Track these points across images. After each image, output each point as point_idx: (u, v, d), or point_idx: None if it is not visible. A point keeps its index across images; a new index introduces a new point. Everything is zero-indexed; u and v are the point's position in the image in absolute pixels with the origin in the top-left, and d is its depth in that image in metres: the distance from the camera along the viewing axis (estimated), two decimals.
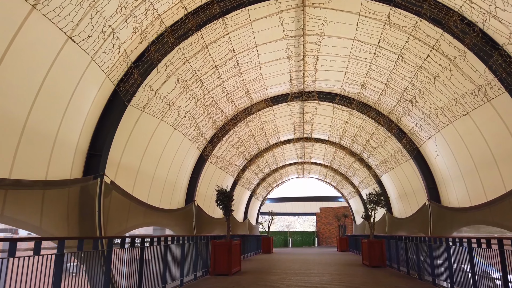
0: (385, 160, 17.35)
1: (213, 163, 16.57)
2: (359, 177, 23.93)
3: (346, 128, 17.44)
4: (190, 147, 13.47)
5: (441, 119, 10.84)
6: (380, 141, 16.32)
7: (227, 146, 16.63)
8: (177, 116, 10.96)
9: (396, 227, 19.51)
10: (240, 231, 25.35)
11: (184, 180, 14.51)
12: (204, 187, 16.84)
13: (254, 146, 19.01)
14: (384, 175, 19.16)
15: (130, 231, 10.38)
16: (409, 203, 17.19)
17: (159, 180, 11.84)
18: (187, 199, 15.29)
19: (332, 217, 42.37)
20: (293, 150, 24.03)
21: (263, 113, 16.36)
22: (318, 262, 17.87)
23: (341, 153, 22.36)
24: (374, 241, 16.14)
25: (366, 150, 18.30)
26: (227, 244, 13.53)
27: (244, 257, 20.87)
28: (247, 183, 24.44)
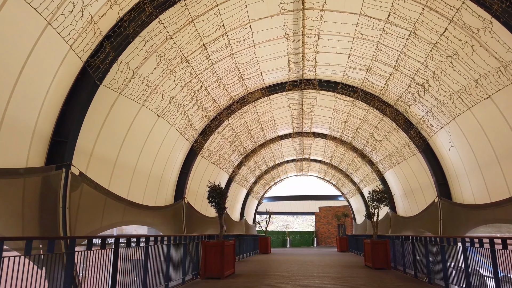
0: (389, 154, 16.09)
1: (205, 157, 15.29)
2: (360, 174, 22.68)
3: (348, 121, 16.17)
4: (178, 138, 12.19)
5: (457, 105, 9.58)
6: (385, 134, 15.06)
7: (221, 139, 15.35)
8: (161, 101, 9.68)
9: (401, 226, 18.25)
10: (236, 230, 24.07)
11: (172, 175, 13.22)
12: (195, 184, 15.56)
13: (249, 140, 17.73)
14: (388, 171, 17.90)
15: (106, 230, 9.10)
16: (415, 200, 15.94)
17: (142, 173, 10.56)
18: (176, 196, 14.01)
19: (331, 216, 41.14)
20: (291, 146, 22.75)
21: (259, 104, 15.09)
22: (317, 264, 16.66)
23: (341, 148, 21.09)
24: (377, 241, 14.95)
25: (369, 145, 17.03)
26: (219, 244, 12.34)
27: (240, 258, 19.68)
28: (243, 181, 23.16)
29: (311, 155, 25.00)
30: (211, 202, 12.92)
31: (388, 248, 15.00)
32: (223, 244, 12.35)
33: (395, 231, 18.89)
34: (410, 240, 12.96)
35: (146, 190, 10.91)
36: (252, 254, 24.16)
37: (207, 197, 12.69)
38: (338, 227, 40.55)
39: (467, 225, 11.46)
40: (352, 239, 26.95)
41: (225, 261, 12.36)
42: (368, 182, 22.25)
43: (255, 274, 13.01)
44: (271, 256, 22.42)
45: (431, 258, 11.86)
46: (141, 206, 10.50)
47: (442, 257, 10.45)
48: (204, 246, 12.42)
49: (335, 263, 17.24)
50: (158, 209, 11.90)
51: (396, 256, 14.91)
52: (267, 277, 11.93)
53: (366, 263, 15.94)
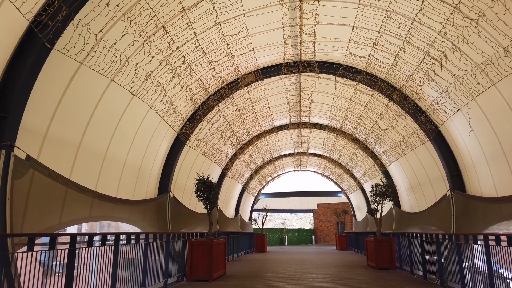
0: (395, 145, 14.65)
1: (194, 147, 13.83)
2: (362, 168, 21.24)
3: (350, 108, 14.72)
4: (159, 123, 10.72)
5: (480, 80, 8.14)
6: (390, 122, 13.62)
7: (210, 127, 13.89)
8: (134, 77, 8.21)
9: (406, 223, 16.85)
10: (231, 228, 22.64)
11: (154, 165, 11.77)
12: (183, 176, 14.10)
13: (243, 130, 16.26)
14: (393, 164, 16.47)
15: (68, 227, 7.67)
16: (423, 194, 14.51)
17: (115, 162, 9.09)
18: (161, 189, 12.56)
19: (330, 213, 39.73)
20: (289, 139, 21.30)
21: (253, 89, 13.63)
22: (316, 263, 15.26)
23: (342, 140, 19.66)
24: (381, 239, 13.58)
25: (372, 135, 15.58)
26: (207, 243, 10.94)
27: (234, 257, 18.26)
28: (237, 175, 21.71)
29: (310, 148, 23.55)
30: (199, 196, 11.52)
31: (393, 247, 13.65)
32: (211, 242, 10.97)
33: (400, 228, 17.48)
34: (419, 238, 11.60)
35: (122, 181, 9.45)
36: (248, 253, 22.77)
37: (194, 191, 11.26)
38: (337, 224, 39.16)
39: (486, 220, 10.04)
40: (352, 237, 25.56)
41: (214, 261, 11.00)
42: (370, 177, 20.83)
43: (249, 275, 11.61)
44: (268, 255, 21.02)
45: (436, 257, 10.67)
46: (114, 200, 9.04)
47: (459, 257, 9.10)
48: (190, 244, 11.04)
49: (335, 262, 15.85)
50: (137, 203, 10.44)
51: (401, 255, 13.58)
52: (261, 279, 10.55)
53: (369, 262, 14.58)
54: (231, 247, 17.86)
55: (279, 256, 19.95)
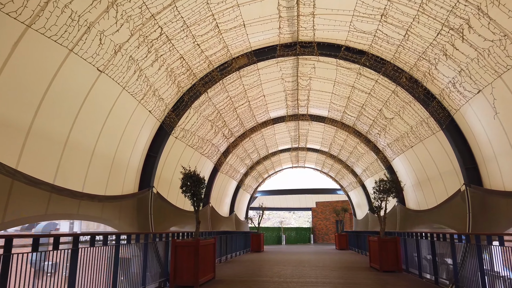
0: (401, 136, 13.28)
1: (180, 138, 12.44)
2: (363, 163, 19.88)
3: (352, 96, 13.34)
4: (136, 108, 9.30)
5: (510, 52, 6.78)
6: (397, 110, 12.25)
7: (199, 117, 12.51)
8: (99, 47, 6.81)
9: (411, 221, 15.51)
10: (224, 227, 21.28)
11: (133, 157, 10.38)
12: (168, 170, 12.71)
13: (236, 121, 14.86)
14: (397, 157, 15.11)
15: (15, 227, 6.30)
16: (432, 190, 13.15)
17: (80, 151, 7.68)
18: (142, 184, 11.18)
19: (329, 212, 38.40)
20: (286, 132, 19.93)
21: (246, 74, 12.24)
22: (315, 264, 13.98)
23: (342, 134, 18.30)
24: (386, 239, 12.30)
25: (376, 125, 14.20)
26: (193, 244, 9.62)
27: (227, 258, 16.94)
28: (231, 171, 20.32)
29: (308, 143, 22.17)
30: (185, 192, 10.24)
31: (399, 247, 12.39)
32: (197, 243, 9.66)
33: (405, 227, 16.15)
34: (429, 238, 10.33)
35: (90, 174, 8.05)
36: (243, 253, 21.43)
37: (180, 186, 9.96)
38: (337, 223, 37.85)
39: (510, 218, 8.71)
40: (352, 236, 24.23)
41: (201, 264, 9.72)
42: (372, 172, 19.48)
43: (240, 279, 10.31)
44: (264, 255, 19.68)
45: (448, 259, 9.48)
46: (79, 195, 7.64)
47: (479, 261, 7.87)
48: (174, 246, 9.75)
49: (336, 264, 14.54)
50: (110, 199, 9.04)
51: (408, 257, 12.32)
52: (254, 283, 9.25)
53: (372, 264, 13.29)
54: (224, 248, 16.58)
55: (275, 257, 18.62)
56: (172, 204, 13.03)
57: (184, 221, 14.41)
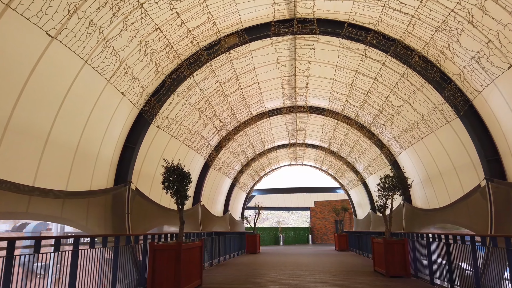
0: (410, 127, 11.87)
1: (163, 128, 11.00)
2: (365, 159, 18.47)
3: (356, 82, 11.92)
4: (105, 88, 7.84)
5: None
6: (407, 97, 10.83)
7: (185, 104, 11.07)
8: (44, 3, 5.38)
9: (419, 221, 14.09)
10: (218, 227, 19.84)
11: (107, 148, 8.93)
12: (151, 165, 11.27)
13: (227, 111, 13.41)
14: (404, 152, 13.71)
15: None
16: (445, 187, 11.73)
17: (29, 136, 6.20)
18: (118, 178, 9.75)
19: (328, 211, 37.01)
20: (283, 126, 18.50)
21: (237, 57, 10.81)
22: (314, 268, 12.62)
23: (343, 127, 16.89)
24: (392, 241, 10.97)
25: (382, 115, 12.77)
26: (174, 248, 8.23)
27: (219, 260, 15.55)
28: (225, 168, 18.88)
29: (307, 138, 20.73)
30: (167, 188, 8.87)
31: (407, 250, 11.03)
32: (179, 247, 8.28)
33: (411, 227, 14.74)
34: (443, 240, 8.99)
35: (43, 165, 6.58)
36: (238, 254, 20.02)
37: (162, 182, 8.56)
38: (336, 223, 36.44)
39: None
40: (352, 236, 22.83)
41: (184, 270, 8.37)
42: (375, 169, 18.07)
43: (230, 287, 8.91)
44: (260, 257, 18.25)
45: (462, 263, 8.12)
46: (28, 189, 6.19)
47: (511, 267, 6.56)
48: (152, 250, 8.36)
49: (337, 267, 13.16)
50: (74, 195, 7.59)
51: (417, 261, 10.99)
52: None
53: (377, 268, 11.94)
54: (216, 249, 15.18)
55: (272, 259, 17.20)
56: (155, 203, 11.59)
57: (171, 222, 12.97)
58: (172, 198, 8.85)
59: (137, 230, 10.56)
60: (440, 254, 9.78)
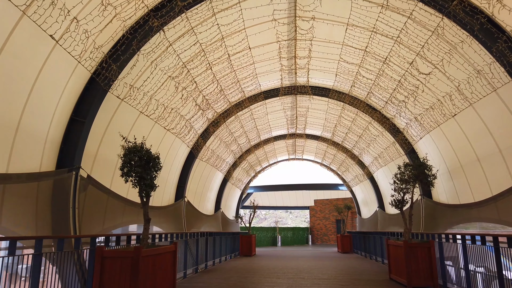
0: (439, 101, 9.33)
1: (127, 100, 8.44)
2: (375, 149, 15.91)
3: (372, 45, 9.34)
4: (36, 37, 5.35)
5: None
6: (440, 59, 8.30)
7: (153, 68, 8.50)
8: None
9: (445, 219, 11.55)
10: (207, 226, 17.29)
11: (41, 119, 6.38)
12: (112, 147, 8.68)
13: (213, 86, 10.84)
14: (427, 136, 11.17)
15: None
16: (484, 175, 9.12)
17: None
18: (62, 162, 7.20)
19: (328, 210, 34.45)
20: (281, 111, 15.91)
21: (222, 9, 8.28)
22: (318, 275, 10.37)
23: (351, 111, 14.34)
24: (415, 244, 8.65)
25: (402, 90, 10.20)
26: (129, 255, 5.83)
27: (207, 265, 13.10)
28: (215, 159, 16.30)
29: (307, 127, 18.14)
30: (127, 175, 6.40)
31: (434, 255, 8.68)
32: (137, 253, 5.83)
33: (434, 227, 12.20)
34: (492, 243, 6.63)
35: None
36: (231, 258, 17.50)
37: (120, 167, 6.08)
38: (338, 222, 33.89)
39: None
40: (357, 237, 20.32)
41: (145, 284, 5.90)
42: (386, 160, 15.53)
43: None
44: (254, 261, 15.73)
45: None
46: None
47: None
48: (99, 257, 5.87)
49: (344, 274, 10.79)
50: None
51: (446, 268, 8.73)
52: None
53: (394, 276, 9.47)
54: (203, 253, 12.77)
55: (268, 263, 14.68)
56: (119, 196, 9.03)
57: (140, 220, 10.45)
58: (133, 187, 6.41)
59: (92, 230, 8.02)
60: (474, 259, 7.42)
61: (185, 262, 11.04)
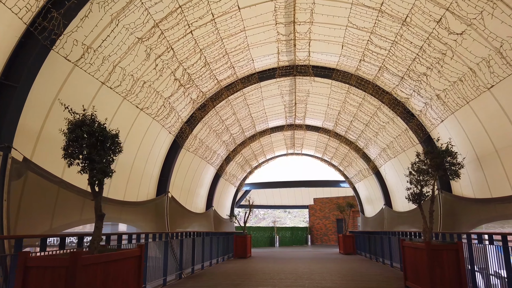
0: (471, 71, 7.49)
1: (79, 65, 6.58)
2: (383, 139, 14.03)
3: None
4: None
5: None
6: (479, 10, 6.44)
7: (115, 25, 6.64)
8: None
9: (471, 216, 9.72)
10: (197, 225, 15.42)
11: None
12: (63, 123, 6.82)
13: (195, 57, 8.95)
14: (447, 120, 9.36)
15: None
16: None
17: None
18: None
19: (328, 209, 32.56)
20: (278, 96, 14.04)
21: None
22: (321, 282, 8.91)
23: (357, 94, 12.49)
24: (440, 246, 7.03)
25: (423, 60, 8.34)
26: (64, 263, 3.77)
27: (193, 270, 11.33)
28: (204, 150, 14.39)
29: (308, 116, 16.22)
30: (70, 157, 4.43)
31: (463, 260, 6.90)
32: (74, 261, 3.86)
33: (457, 225, 10.35)
34: None
35: None
36: (223, 260, 15.66)
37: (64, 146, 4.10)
38: (337, 222, 32.01)
39: None
40: (360, 237, 18.46)
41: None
42: (396, 151, 13.66)
43: None
44: (249, 263, 13.88)
45: None
46: None
47: None
48: (22, 266, 3.85)
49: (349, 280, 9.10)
50: None
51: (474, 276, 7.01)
52: None
53: (411, 283, 7.70)
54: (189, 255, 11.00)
55: (264, 266, 12.85)
56: (76, 187, 7.14)
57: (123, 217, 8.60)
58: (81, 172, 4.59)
59: (34, 230, 6.15)
60: None
61: (165, 267, 9.24)
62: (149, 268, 8.40)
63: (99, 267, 4.66)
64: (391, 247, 12.50)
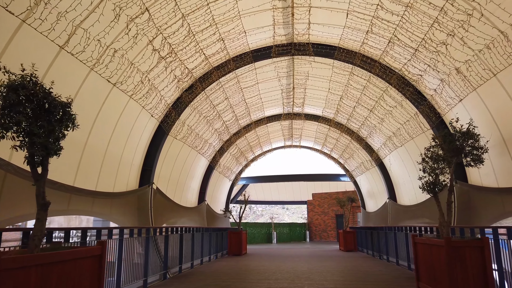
0: (503, 33, 6.24)
1: (28, 22, 5.31)
2: (390, 126, 12.79)
3: None
4: None
5: None
6: None
7: None
8: None
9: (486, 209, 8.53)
10: (187, 220, 14.18)
11: None
12: None
13: (175, 19, 7.63)
14: (466, 98, 8.14)
15: None
16: None
17: None
18: None
19: (328, 205, 31.38)
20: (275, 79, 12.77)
21: None
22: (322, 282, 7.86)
23: (362, 76, 11.26)
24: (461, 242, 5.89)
25: (446, 21, 7.07)
26: None
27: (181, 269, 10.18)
28: (193, 138, 13.11)
29: (306, 102, 14.93)
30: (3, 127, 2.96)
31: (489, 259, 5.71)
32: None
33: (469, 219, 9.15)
34: None
35: None
36: (216, 258, 14.50)
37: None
38: (337, 217, 30.86)
39: None
40: (362, 233, 17.31)
41: None
42: (403, 139, 12.43)
43: None
44: (244, 261, 12.72)
45: None
46: None
47: None
48: None
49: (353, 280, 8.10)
50: None
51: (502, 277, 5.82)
52: None
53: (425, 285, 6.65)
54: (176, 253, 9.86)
55: (259, 264, 11.70)
56: (27, 172, 5.88)
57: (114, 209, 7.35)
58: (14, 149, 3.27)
59: None
60: None
61: (146, 267, 8.06)
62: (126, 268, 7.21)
63: (34, 270, 3.50)
64: (397, 244, 11.38)
